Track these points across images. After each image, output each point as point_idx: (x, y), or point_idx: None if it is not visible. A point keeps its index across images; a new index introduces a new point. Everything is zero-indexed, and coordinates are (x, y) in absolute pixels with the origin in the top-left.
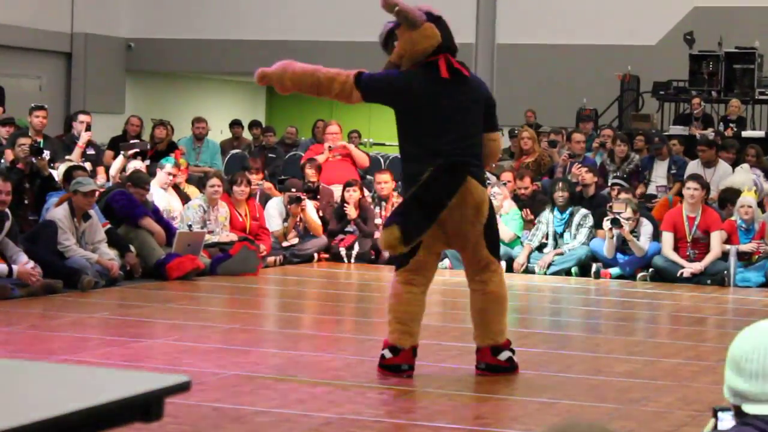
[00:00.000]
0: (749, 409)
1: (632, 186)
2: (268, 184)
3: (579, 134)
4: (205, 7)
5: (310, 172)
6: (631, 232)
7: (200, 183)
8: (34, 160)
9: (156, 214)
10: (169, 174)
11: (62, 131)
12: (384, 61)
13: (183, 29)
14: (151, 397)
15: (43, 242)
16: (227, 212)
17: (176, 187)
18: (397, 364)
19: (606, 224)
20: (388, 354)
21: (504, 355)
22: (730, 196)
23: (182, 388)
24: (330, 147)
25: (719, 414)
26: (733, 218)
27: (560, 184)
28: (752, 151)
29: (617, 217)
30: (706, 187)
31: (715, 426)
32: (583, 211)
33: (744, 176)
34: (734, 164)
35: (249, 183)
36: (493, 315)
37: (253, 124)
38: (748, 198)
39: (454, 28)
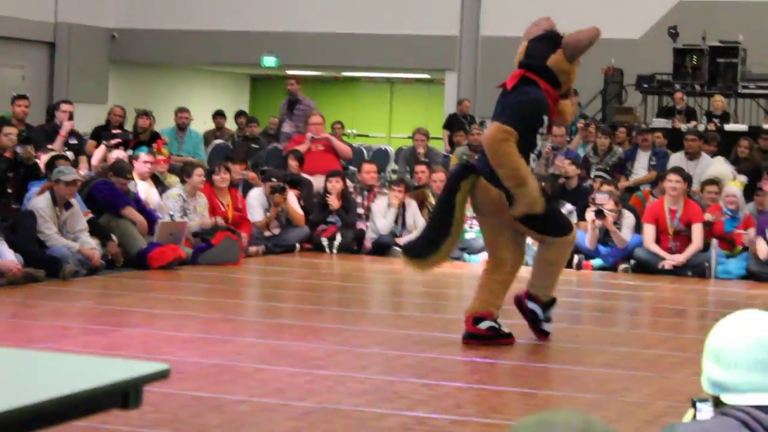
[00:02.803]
0: (728, 399)
1: (615, 179)
2: (252, 174)
3: (559, 127)
4: None
5: (293, 164)
6: (614, 223)
7: (182, 172)
8: (18, 149)
9: (138, 203)
10: (146, 162)
11: (44, 120)
12: (368, 53)
13: (167, 20)
14: (130, 385)
15: (23, 232)
16: (206, 202)
17: (155, 178)
18: None
19: (589, 216)
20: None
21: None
22: (708, 184)
23: (161, 375)
24: (312, 137)
25: (698, 405)
26: (719, 203)
27: (542, 185)
28: (745, 142)
29: (601, 208)
30: (687, 179)
31: (694, 417)
32: (569, 206)
33: (723, 167)
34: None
35: (228, 171)
36: (538, 272)
37: (239, 114)
38: (733, 188)
39: (439, 21)
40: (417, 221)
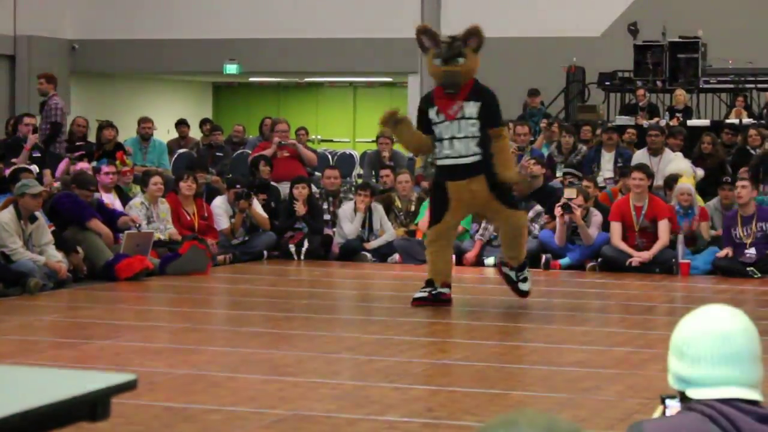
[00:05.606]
0: (693, 394)
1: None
2: (215, 178)
3: (522, 126)
4: (148, 8)
5: (265, 170)
6: (582, 218)
7: (142, 181)
8: None
9: (101, 208)
10: (108, 173)
11: (4, 134)
12: (330, 58)
13: (127, 30)
14: (97, 397)
15: None
16: (168, 208)
17: (119, 190)
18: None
19: (557, 210)
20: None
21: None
22: (672, 182)
23: (128, 386)
24: (280, 143)
25: (667, 401)
26: (672, 203)
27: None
28: (708, 138)
29: (568, 202)
30: (651, 175)
31: (663, 413)
32: (538, 207)
33: (682, 162)
34: (682, 152)
35: (195, 180)
36: (506, 244)
37: (204, 121)
38: (687, 185)
39: (399, 22)
40: (384, 225)
